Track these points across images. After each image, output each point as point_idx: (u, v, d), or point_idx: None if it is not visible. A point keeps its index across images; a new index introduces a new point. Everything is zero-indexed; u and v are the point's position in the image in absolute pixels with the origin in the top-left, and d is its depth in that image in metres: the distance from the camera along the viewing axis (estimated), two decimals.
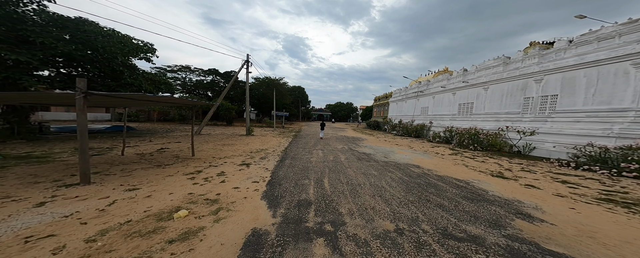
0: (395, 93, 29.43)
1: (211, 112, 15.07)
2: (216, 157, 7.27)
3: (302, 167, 6.30)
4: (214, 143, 10.75)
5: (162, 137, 12.23)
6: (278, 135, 17.30)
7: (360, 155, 8.96)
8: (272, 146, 10.85)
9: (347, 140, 15.52)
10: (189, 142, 9.93)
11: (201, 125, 14.71)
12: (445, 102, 18.07)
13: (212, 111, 15.11)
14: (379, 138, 17.99)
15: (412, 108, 23.33)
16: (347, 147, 11.51)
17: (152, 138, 11.21)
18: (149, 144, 9.30)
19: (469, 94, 15.23)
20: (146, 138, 11.06)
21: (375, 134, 22.08)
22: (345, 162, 7.29)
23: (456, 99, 16.68)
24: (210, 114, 15.05)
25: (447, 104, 17.83)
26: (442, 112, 18.32)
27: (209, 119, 25.25)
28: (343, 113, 72.89)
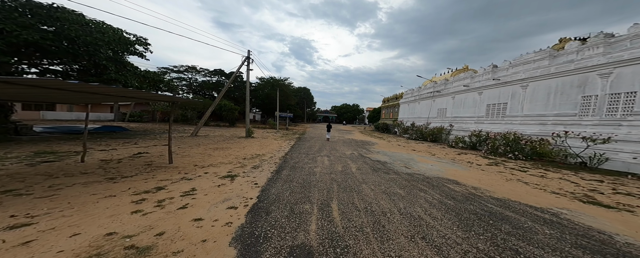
0: (407, 94, 27.48)
1: (208, 112, 13.98)
2: (199, 165, 5.90)
3: (303, 182, 4.79)
4: (205, 146, 9.48)
5: (153, 138, 11.14)
6: (280, 137, 15.93)
7: (375, 164, 7.34)
8: (271, 151, 9.43)
9: (355, 144, 13.88)
10: (180, 145, 8.76)
11: (198, 126, 13.63)
12: (468, 103, 16.06)
13: (210, 111, 14.02)
14: (390, 142, 16.21)
15: (426, 109, 21.34)
16: (356, 153, 9.90)
17: (140, 141, 10.11)
18: (130, 148, 8.14)
19: (501, 93, 13.21)
20: (133, 141, 9.97)
21: (385, 137, 20.26)
22: (358, 174, 5.71)
23: (483, 99, 14.66)
24: (208, 114, 13.96)
25: (470, 104, 15.81)
26: (465, 114, 16.30)
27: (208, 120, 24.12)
28: (349, 115, 71.14)
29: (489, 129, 12.91)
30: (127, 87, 8.82)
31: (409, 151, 11.36)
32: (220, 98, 14.25)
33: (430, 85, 21.57)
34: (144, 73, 11.46)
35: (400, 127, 23.36)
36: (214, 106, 14.13)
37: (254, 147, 10.24)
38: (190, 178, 4.65)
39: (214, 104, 14.15)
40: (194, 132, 13.55)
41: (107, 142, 9.19)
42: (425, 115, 21.32)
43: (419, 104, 23.01)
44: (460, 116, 16.65)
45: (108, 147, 7.95)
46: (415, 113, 23.71)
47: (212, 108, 14.08)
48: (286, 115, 27.58)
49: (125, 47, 9.87)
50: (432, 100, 20.31)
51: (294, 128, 30.91)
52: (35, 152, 6.30)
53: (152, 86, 12.24)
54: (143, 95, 4.98)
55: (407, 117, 25.64)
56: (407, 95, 27.06)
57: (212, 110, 14.14)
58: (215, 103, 14.17)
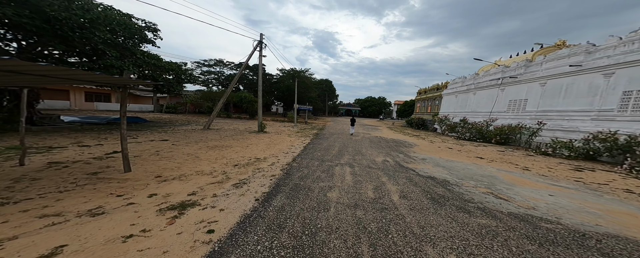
0: (454, 83, 22.01)
1: (220, 104, 12.95)
2: (163, 176, 4.24)
3: (301, 232, 2.52)
4: (202, 144, 8.12)
5: (163, 131, 10.52)
6: (295, 133, 14.02)
7: (430, 186, 4.57)
8: (277, 153, 7.47)
9: (386, 144, 10.87)
10: (176, 141, 7.52)
11: (210, 118, 12.79)
12: (577, 91, 10.89)
13: (221, 103, 12.96)
14: (434, 143, 12.51)
15: (487, 101, 16.22)
16: (392, 160, 7.10)
17: (146, 134, 9.47)
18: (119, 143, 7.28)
19: None
20: (140, 133, 9.38)
21: (424, 136, 16.29)
22: (406, 212, 3.19)
23: (614, 84, 9.46)
24: (219, 106, 12.95)
25: (583, 92, 10.65)
26: (568, 107, 11.22)
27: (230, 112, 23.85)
28: (374, 108, 65.42)
29: (628, 128, 8.09)
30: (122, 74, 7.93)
31: (472, 159, 7.91)
32: (230, 89, 13.01)
33: (494, 71, 16.18)
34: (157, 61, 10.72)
35: (444, 123, 18.76)
36: (224, 98, 13.00)
37: (260, 146, 8.46)
38: (114, 206, 2.89)
39: (225, 96, 13.01)
40: (206, 125, 12.75)
41: (107, 134, 8.72)
42: (485, 108, 16.27)
43: (475, 94, 17.79)
44: (558, 110, 11.56)
45: (102, 141, 7.24)
46: (469, 106, 18.58)
47: (223, 99, 12.98)
48: (305, 108, 25.66)
49: (131, 32, 9.03)
50: (499, 89, 15.10)
51: (314, 122, 28.89)
52: (6, 147, 5.72)
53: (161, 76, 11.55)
54: (80, 76, 3.40)
55: (454, 112, 20.56)
56: (455, 84, 21.61)
57: (223, 101, 13.06)
58: (226, 94, 13.01)
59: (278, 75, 35.45)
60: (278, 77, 35.20)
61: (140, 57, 9.75)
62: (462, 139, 14.77)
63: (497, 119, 13.95)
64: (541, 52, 15.03)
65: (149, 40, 10.30)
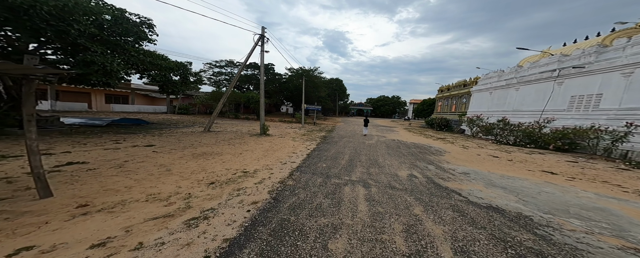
0: (487, 78, 18.91)
1: (220, 106, 12.02)
2: (91, 204, 3.02)
3: None
4: (191, 150, 7.02)
5: (157, 134, 9.77)
6: (301, 136, 12.60)
7: (504, 228, 2.79)
8: (273, 163, 6.09)
9: (407, 151, 8.93)
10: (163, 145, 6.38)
11: (210, 120, 11.93)
12: None
13: (221, 104, 12.02)
14: (467, 148, 10.22)
15: (538, 97, 13.29)
16: (421, 176, 5.29)
17: (135, 137, 8.71)
18: (103, 145, 6.45)
19: None
20: (131, 137, 8.65)
21: (451, 139, 13.79)
22: None
23: None
24: (219, 107, 12.02)
25: None
26: None
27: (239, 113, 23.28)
28: (387, 108, 61.81)
29: None
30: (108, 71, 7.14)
31: (539, 175, 5.76)
32: (230, 89, 12.00)
33: (546, 61, 13.17)
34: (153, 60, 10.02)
35: (475, 124, 15.99)
36: (224, 98, 12.04)
37: (255, 154, 7.15)
38: None
39: (225, 96, 12.04)
40: (206, 127, 11.90)
41: (96, 139, 8.06)
42: (533, 106, 13.33)
43: (518, 90, 14.78)
44: None
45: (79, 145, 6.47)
46: (509, 104, 15.59)
47: (223, 100, 12.04)
48: (314, 108, 24.22)
49: (124, 29, 8.33)
50: (555, 83, 12.10)
51: (323, 122, 27.32)
52: None
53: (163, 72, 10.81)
54: None
55: (488, 111, 17.56)
56: (489, 79, 18.51)
57: (223, 102, 12.12)
58: (225, 95, 12.04)
59: (287, 75, 34.56)
60: (287, 77, 34.32)
61: (134, 54, 9.06)
62: (504, 144, 12.10)
63: (554, 119, 11.08)
64: (620, 35, 11.65)
65: (147, 37, 9.61)
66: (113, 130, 9.65)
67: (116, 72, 7.28)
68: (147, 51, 10.07)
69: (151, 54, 10.03)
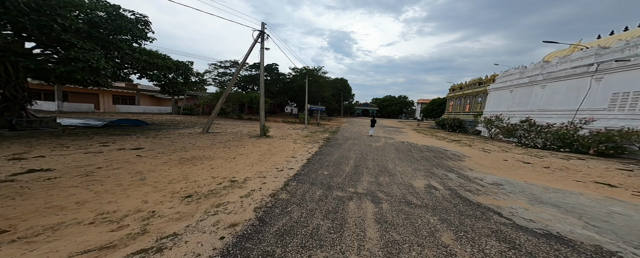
0: (507, 75, 17.39)
1: (218, 106, 11.49)
2: (15, 230, 2.37)
3: None
4: (180, 154, 6.41)
5: (151, 136, 9.33)
6: (303, 137, 11.84)
7: None
8: (268, 169, 5.35)
9: (420, 154, 7.89)
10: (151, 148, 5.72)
11: (209, 121, 11.42)
12: None
13: (220, 105, 11.49)
14: (488, 152, 9.04)
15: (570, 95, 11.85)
16: (442, 188, 4.37)
17: (126, 140, 8.27)
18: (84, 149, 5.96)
19: None
20: (123, 139, 8.23)
21: (467, 141, 12.52)
22: None
23: None
24: (217, 108, 11.49)
25: None
26: None
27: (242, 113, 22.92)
28: (394, 108, 60.02)
29: None
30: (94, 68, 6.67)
31: (594, 188, 4.64)
32: (230, 88, 11.45)
33: (580, 55, 11.68)
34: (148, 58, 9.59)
35: (493, 125, 14.61)
36: (223, 98, 11.51)
37: (250, 158, 6.44)
38: None
39: (224, 96, 11.50)
40: (205, 128, 11.41)
41: (84, 141, 7.65)
42: (564, 105, 11.87)
43: (545, 88, 13.29)
44: None
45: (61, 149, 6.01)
46: (534, 103, 14.11)
47: (222, 100, 11.51)
48: (317, 108, 23.45)
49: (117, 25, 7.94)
50: (593, 78, 10.60)
51: (327, 123, 26.46)
52: None
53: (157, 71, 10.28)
54: None
55: (508, 110, 16.07)
56: (509, 77, 16.98)
57: (222, 102, 11.58)
58: (224, 95, 11.50)
59: (290, 75, 34.07)
60: (291, 77, 33.83)
61: (129, 53, 8.66)
62: (530, 147, 10.75)
63: (594, 120, 9.64)
64: None
65: (143, 35, 9.20)
66: (108, 132, 9.32)
67: (104, 69, 6.84)
68: (144, 49, 9.70)
69: (148, 53, 9.65)
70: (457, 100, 26.61)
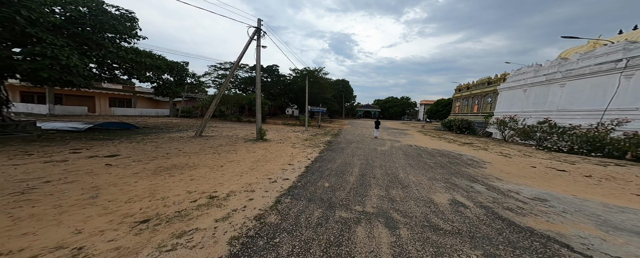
0: (520, 74, 16.44)
1: (212, 108, 10.74)
2: None
3: None
4: (161, 161, 5.61)
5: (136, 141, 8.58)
6: (303, 141, 10.98)
7: None
8: (258, 180, 4.51)
9: (432, 160, 6.95)
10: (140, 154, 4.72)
11: (201, 124, 10.66)
12: None
13: (213, 107, 10.75)
14: (509, 157, 8.06)
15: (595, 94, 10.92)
16: (472, 205, 3.45)
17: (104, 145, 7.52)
18: (33, 160, 5.19)
19: None
20: (102, 144, 7.48)
21: (480, 143, 11.51)
22: None
23: None
24: (211, 110, 10.74)
25: None
26: None
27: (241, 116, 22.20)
28: (396, 109, 59.05)
29: None
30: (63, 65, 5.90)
31: None
32: (224, 89, 10.71)
33: (604, 50, 10.77)
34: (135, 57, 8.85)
35: (507, 127, 13.62)
36: (217, 99, 10.77)
37: (241, 166, 5.61)
38: None
39: (218, 97, 10.76)
40: (198, 132, 10.64)
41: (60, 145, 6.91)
42: (587, 105, 10.88)
43: (564, 86, 12.32)
44: None
45: (21, 157, 5.26)
46: (551, 102, 13.13)
47: (216, 101, 10.76)
48: (319, 109, 22.66)
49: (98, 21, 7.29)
50: (621, 75, 9.63)
51: (329, 125, 25.58)
52: None
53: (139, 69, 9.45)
54: None
55: (522, 111, 15.06)
56: (522, 76, 16.01)
57: (215, 104, 10.84)
58: (218, 97, 10.76)
59: (291, 76, 33.47)
60: (291, 78, 33.22)
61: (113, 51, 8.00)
62: (554, 151, 9.72)
63: (628, 121, 8.60)
64: None
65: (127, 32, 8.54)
66: (90, 136, 8.58)
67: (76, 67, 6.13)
68: (131, 48, 9.04)
69: (135, 51, 8.98)
70: (464, 101, 25.57)
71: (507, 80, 17.40)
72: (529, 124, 12.41)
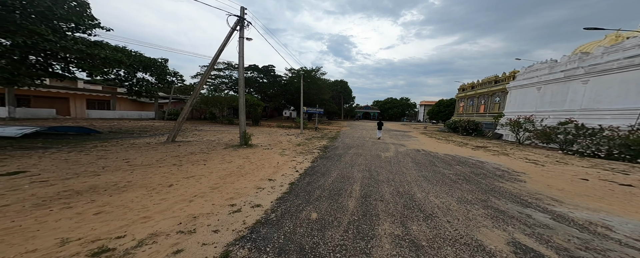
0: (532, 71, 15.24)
1: (186, 110, 9.17)
2: None
3: None
4: (80, 180, 4.05)
5: (80, 150, 6.99)
6: (296, 146, 9.45)
7: None
8: (220, 205, 3.00)
9: (450, 170, 5.50)
10: (71, 169, 3.38)
11: (175, 128, 9.07)
12: None
13: (187, 109, 9.18)
14: (541, 164, 6.64)
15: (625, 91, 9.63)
16: (554, 255, 1.84)
17: (19, 155, 5.91)
18: None
19: None
20: (31, 153, 5.88)
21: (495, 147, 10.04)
22: None
23: None
24: (185, 112, 9.16)
25: None
26: None
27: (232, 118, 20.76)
28: (395, 110, 57.99)
29: None
30: None
31: None
32: (199, 89, 9.16)
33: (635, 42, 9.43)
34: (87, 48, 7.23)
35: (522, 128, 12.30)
36: (192, 100, 9.22)
37: (201, 185, 4.06)
38: None
39: (193, 98, 9.21)
40: (171, 137, 9.05)
41: None
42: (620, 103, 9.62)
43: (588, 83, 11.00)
44: None
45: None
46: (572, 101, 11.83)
47: (190, 102, 9.22)
48: (315, 111, 21.21)
49: (30, 5, 5.80)
50: None
51: (327, 127, 24.08)
52: None
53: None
54: None
55: (537, 111, 13.77)
56: (535, 72, 14.78)
57: (190, 105, 9.29)
58: (194, 96, 9.21)
59: (286, 76, 32.14)
60: (287, 78, 31.89)
61: (52, 39, 6.44)
62: (587, 156, 8.30)
63: None
64: None
65: (74, 19, 6.99)
66: (21, 144, 6.88)
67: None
68: (81, 39, 7.44)
69: (86, 42, 7.39)
70: (469, 101, 24.33)
71: (517, 78, 16.18)
72: (548, 124, 11.06)
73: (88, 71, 8.09)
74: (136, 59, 9.31)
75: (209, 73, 9.27)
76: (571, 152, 9.01)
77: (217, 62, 9.29)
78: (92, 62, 7.79)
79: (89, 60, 7.64)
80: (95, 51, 7.34)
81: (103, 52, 7.54)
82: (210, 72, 9.34)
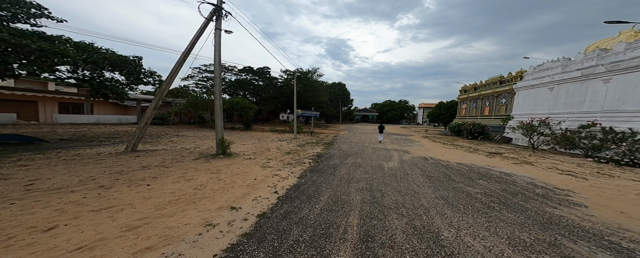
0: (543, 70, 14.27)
1: (149, 113, 7.74)
2: None
3: None
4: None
5: (13, 163, 5.50)
6: (285, 154, 8.04)
7: None
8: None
9: (479, 191, 4.13)
10: None
11: (136, 135, 7.60)
12: None
13: (151, 112, 7.75)
14: (583, 178, 5.31)
15: None
16: None
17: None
18: None
19: None
20: None
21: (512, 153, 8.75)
22: None
23: None
24: (148, 115, 7.72)
25: None
26: None
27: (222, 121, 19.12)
28: (394, 113, 57.17)
29: None
30: None
31: None
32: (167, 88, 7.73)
33: None
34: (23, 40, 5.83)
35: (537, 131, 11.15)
36: (157, 102, 7.79)
37: (107, 226, 2.65)
38: None
39: (159, 98, 7.79)
40: (131, 145, 7.55)
41: None
42: None
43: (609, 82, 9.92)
44: None
45: None
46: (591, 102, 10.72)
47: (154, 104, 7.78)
48: (310, 114, 19.90)
49: None
50: None
51: (324, 131, 22.68)
52: None
53: None
54: None
55: (550, 113, 12.65)
56: (547, 71, 13.76)
57: (154, 108, 7.86)
58: (158, 97, 7.80)
59: (282, 78, 30.97)
60: (283, 80, 30.71)
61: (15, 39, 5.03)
62: (629, 165, 7.05)
63: None
64: None
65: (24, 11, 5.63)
66: None
67: None
68: (8, 27, 5.98)
69: (14, 30, 5.87)
70: (472, 103, 23.30)
71: (526, 78, 15.17)
72: (566, 128, 9.90)
73: (26, 68, 6.60)
74: (100, 56, 7.89)
75: (178, 70, 7.89)
76: (604, 160, 7.78)
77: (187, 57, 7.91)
78: (24, 55, 6.32)
79: (20, 51, 6.17)
80: (24, 41, 5.87)
81: (37, 43, 6.09)
82: (179, 69, 7.95)
